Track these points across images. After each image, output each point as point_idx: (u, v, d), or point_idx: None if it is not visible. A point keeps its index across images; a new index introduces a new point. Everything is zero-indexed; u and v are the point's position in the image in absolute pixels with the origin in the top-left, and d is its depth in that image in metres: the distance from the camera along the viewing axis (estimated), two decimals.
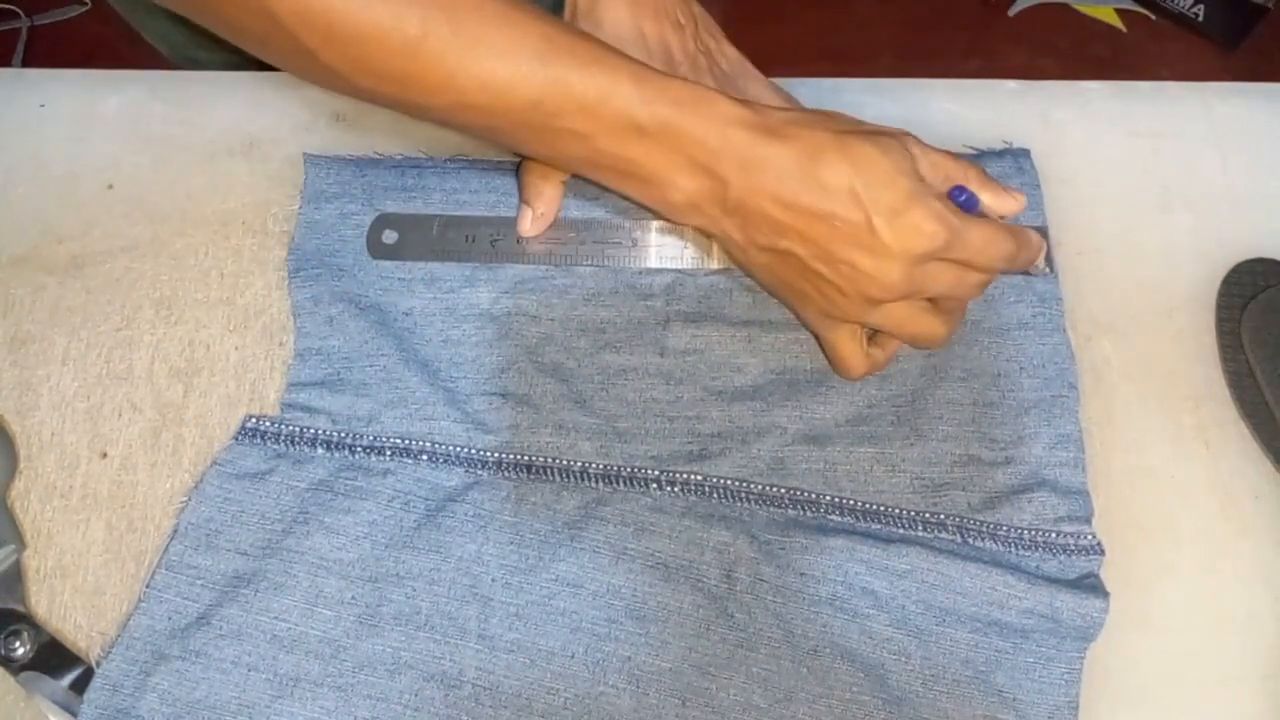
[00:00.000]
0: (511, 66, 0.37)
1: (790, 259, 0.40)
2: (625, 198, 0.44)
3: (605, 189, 0.44)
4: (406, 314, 0.47)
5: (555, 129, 0.38)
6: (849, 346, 0.43)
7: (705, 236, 0.46)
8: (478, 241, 0.48)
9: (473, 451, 0.44)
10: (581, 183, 0.49)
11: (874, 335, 0.44)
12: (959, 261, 0.40)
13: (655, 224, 0.48)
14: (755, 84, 0.50)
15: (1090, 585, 0.41)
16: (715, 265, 0.48)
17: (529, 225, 0.47)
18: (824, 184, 0.38)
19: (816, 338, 0.45)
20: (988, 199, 0.41)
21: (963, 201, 0.40)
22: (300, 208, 0.49)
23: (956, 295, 0.41)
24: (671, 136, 0.38)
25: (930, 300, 0.42)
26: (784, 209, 0.39)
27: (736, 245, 0.42)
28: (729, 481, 0.44)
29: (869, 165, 0.38)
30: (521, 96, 0.37)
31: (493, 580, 0.41)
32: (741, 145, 0.38)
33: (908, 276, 0.39)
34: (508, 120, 0.38)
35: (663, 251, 0.48)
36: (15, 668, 0.40)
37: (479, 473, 0.43)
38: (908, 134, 0.41)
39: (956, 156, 0.41)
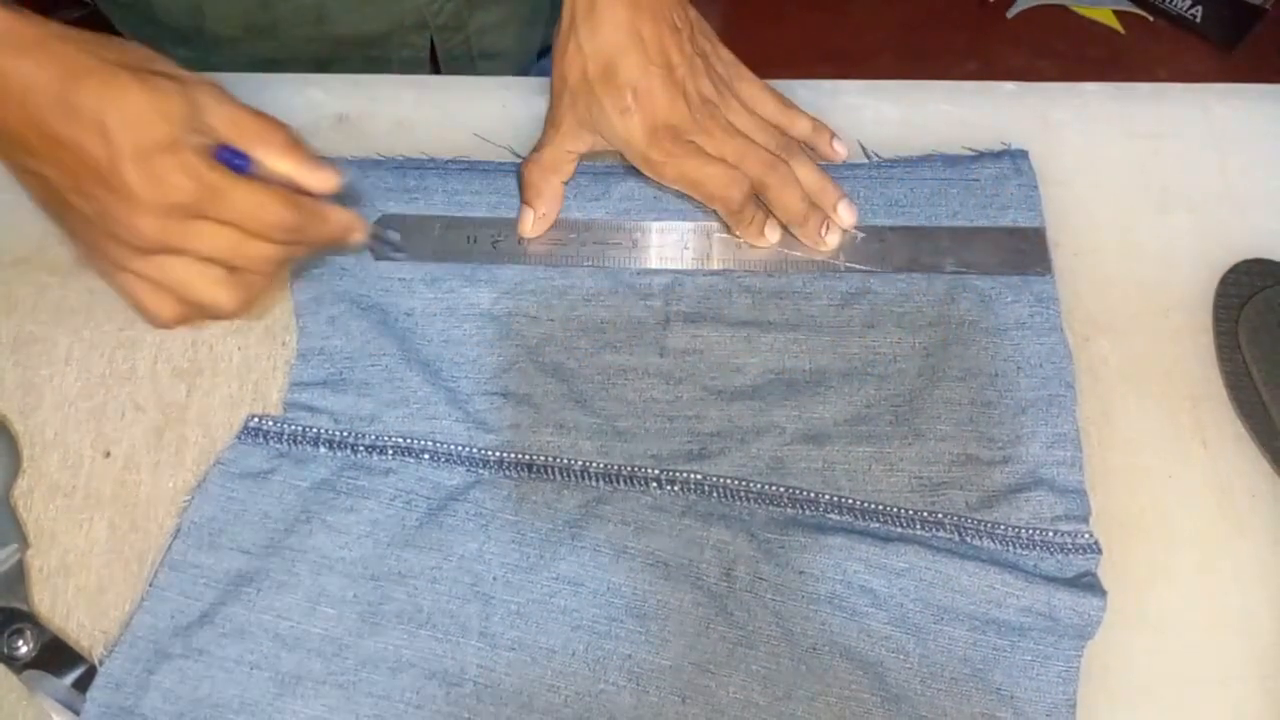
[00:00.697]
0: None
1: (46, 184, 0.37)
2: None
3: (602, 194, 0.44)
4: (408, 314, 0.47)
5: None
6: (132, 293, 0.39)
7: None
8: (479, 242, 0.48)
9: (474, 451, 0.44)
10: (582, 183, 0.49)
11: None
12: (230, 223, 0.37)
13: (655, 225, 0.49)
14: (751, 86, 0.50)
15: (1087, 584, 0.41)
16: (716, 265, 0.48)
17: (530, 226, 0.47)
18: (74, 110, 0.35)
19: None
20: (286, 167, 0.39)
21: (228, 160, 0.38)
22: None
23: (238, 262, 0.38)
24: None
25: (219, 264, 0.39)
26: (31, 128, 0.36)
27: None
28: (728, 481, 0.44)
29: (128, 102, 0.35)
30: None
31: (494, 579, 0.42)
32: None
33: (161, 228, 0.36)
34: None
35: (663, 252, 0.48)
36: (18, 666, 0.40)
37: (480, 472, 0.44)
38: (210, 84, 0.38)
39: (268, 118, 0.39)
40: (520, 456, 0.44)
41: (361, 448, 0.44)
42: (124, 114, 0.35)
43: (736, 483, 0.44)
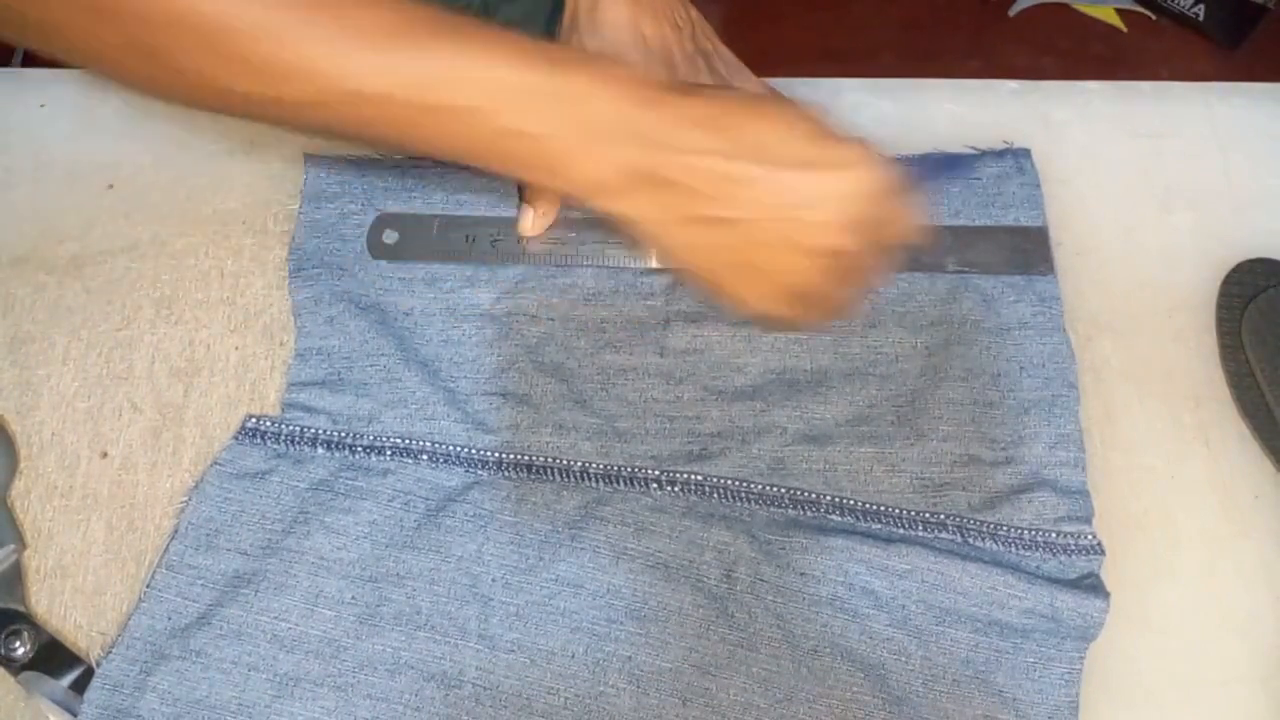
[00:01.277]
0: (387, 46, 0.33)
1: (727, 229, 0.37)
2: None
3: None
4: (407, 314, 0.47)
5: (439, 109, 0.34)
6: (805, 312, 0.40)
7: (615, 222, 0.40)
8: (478, 242, 0.48)
9: (473, 451, 0.44)
10: None
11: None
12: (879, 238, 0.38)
13: None
14: (751, 84, 0.50)
15: (1090, 585, 0.41)
16: None
17: (530, 225, 0.47)
18: (758, 140, 0.35)
19: (767, 323, 0.42)
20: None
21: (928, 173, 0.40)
22: (300, 207, 0.49)
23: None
24: (573, 103, 0.35)
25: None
26: (710, 169, 0.36)
27: (655, 223, 0.37)
28: (729, 481, 0.44)
29: (772, 116, 0.36)
30: (402, 77, 0.33)
31: (493, 580, 0.41)
32: (657, 107, 0.35)
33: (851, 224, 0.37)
34: (382, 110, 0.34)
35: None
36: (15, 667, 0.40)
37: (479, 472, 0.43)
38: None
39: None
40: (519, 457, 0.44)
41: (360, 448, 0.44)
42: (768, 132, 0.36)
43: (737, 483, 0.43)
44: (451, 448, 0.44)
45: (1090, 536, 0.42)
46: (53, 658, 0.40)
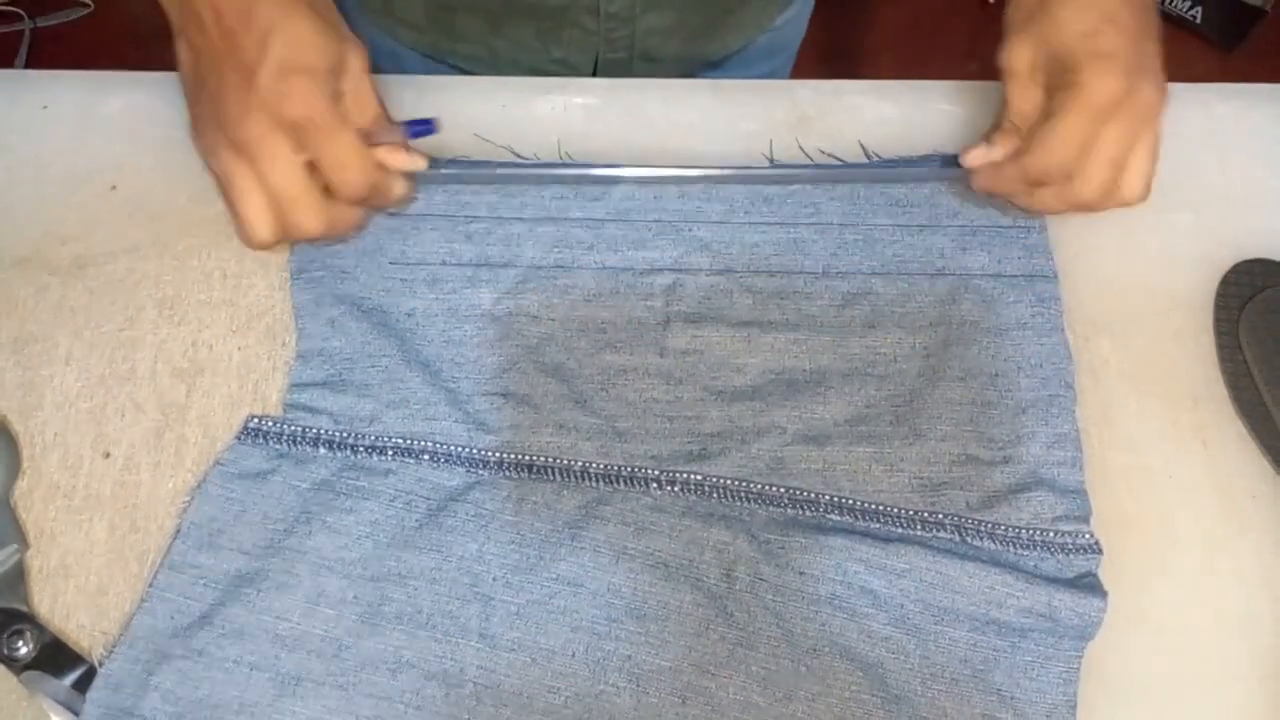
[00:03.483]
0: None
1: (196, 60, 0.42)
2: None
3: None
4: (408, 314, 0.47)
5: None
6: (231, 192, 0.42)
7: None
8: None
9: (474, 451, 0.44)
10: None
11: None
12: (313, 162, 0.41)
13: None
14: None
15: (1088, 584, 0.41)
16: (695, 174, 0.49)
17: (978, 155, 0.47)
18: (251, 14, 0.40)
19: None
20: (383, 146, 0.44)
21: (418, 129, 0.44)
22: None
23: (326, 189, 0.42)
24: None
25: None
26: (211, 11, 0.40)
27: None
28: (729, 481, 0.44)
29: (294, 25, 0.40)
30: None
31: (494, 579, 0.42)
32: None
33: (260, 135, 0.40)
34: None
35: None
36: (18, 667, 0.40)
37: (480, 472, 0.44)
38: (362, 49, 0.43)
39: (380, 104, 0.44)
40: (520, 457, 0.44)
41: (361, 448, 0.44)
42: (286, 33, 0.40)
43: (737, 483, 0.44)
44: (453, 448, 0.44)
45: (1088, 536, 0.42)
46: (55, 657, 0.40)
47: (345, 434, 0.44)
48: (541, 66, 0.63)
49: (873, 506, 0.43)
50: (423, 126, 0.44)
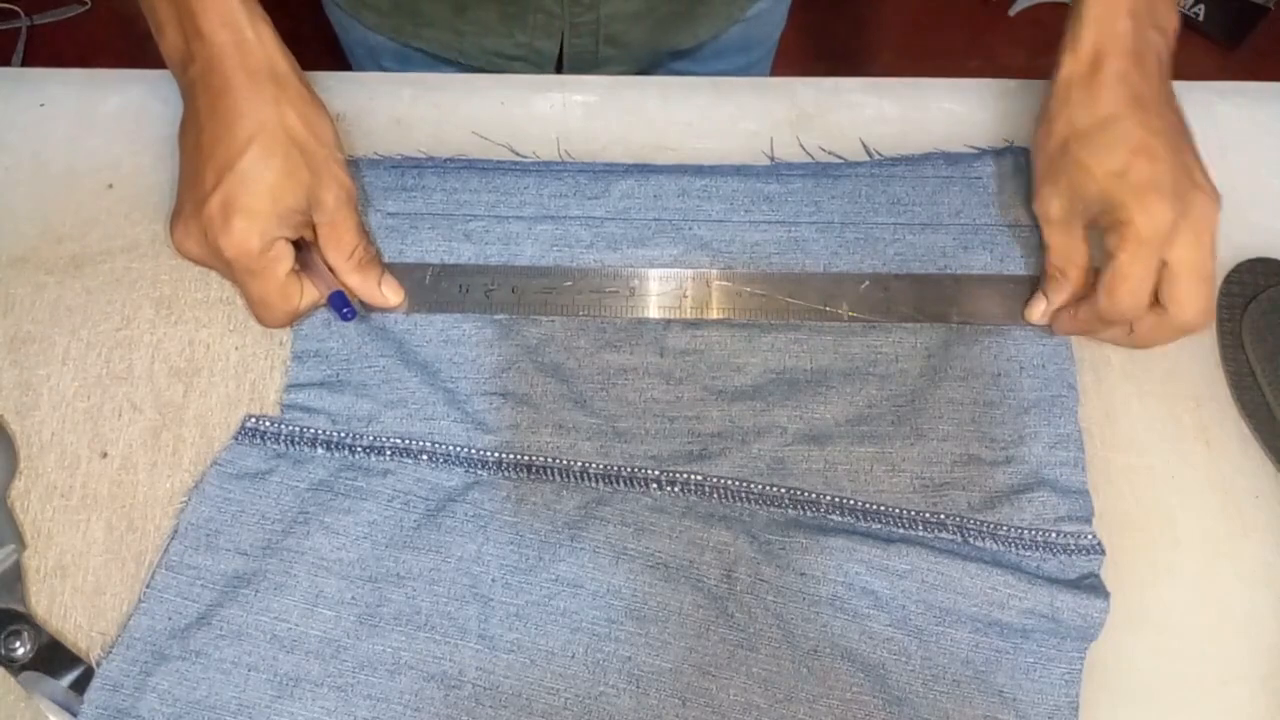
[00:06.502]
0: None
1: (196, 124, 0.43)
2: None
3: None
4: (407, 314, 0.46)
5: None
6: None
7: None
8: (471, 292, 0.46)
9: (473, 451, 0.44)
10: (582, 182, 0.49)
11: None
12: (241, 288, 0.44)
13: (654, 273, 0.47)
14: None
15: (1090, 585, 0.41)
16: (715, 315, 0.46)
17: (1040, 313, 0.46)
18: (233, 126, 0.41)
19: None
20: (352, 283, 0.45)
21: (337, 306, 0.44)
22: None
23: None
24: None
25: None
26: (211, 96, 0.43)
27: None
28: (729, 481, 0.44)
29: (265, 168, 0.41)
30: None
31: (493, 580, 0.41)
32: None
33: (200, 255, 0.43)
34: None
35: (662, 301, 0.47)
36: (15, 668, 0.40)
37: (479, 472, 0.43)
38: (349, 189, 0.44)
39: (358, 238, 0.45)
40: (519, 457, 0.44)
41: (359, 448, 0.44)
42: (245, 171, 0.41)
43: (737, 484, 0.43)
44: (451, 448, 0.44)
45: (1090, 536, 0.42)
46: (53, 658, 0.40)
47: (343, 434, 0.44)
48: (506, 51, 0.62)
49: (874, 507, 0.43)
50: (347, 309, 0.44)
